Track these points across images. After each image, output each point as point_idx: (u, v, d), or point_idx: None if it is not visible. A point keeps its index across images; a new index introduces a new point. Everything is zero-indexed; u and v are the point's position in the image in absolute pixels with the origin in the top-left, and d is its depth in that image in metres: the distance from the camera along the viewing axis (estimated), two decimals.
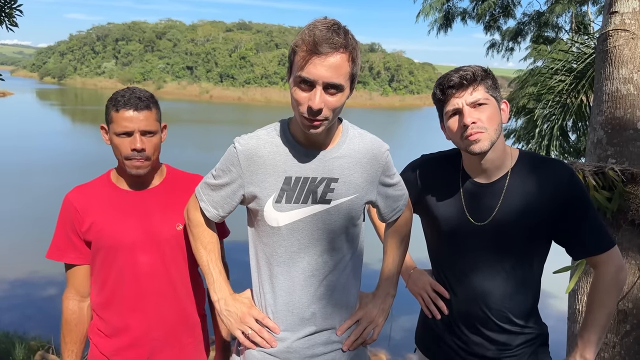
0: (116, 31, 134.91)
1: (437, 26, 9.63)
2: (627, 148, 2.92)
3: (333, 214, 1.62)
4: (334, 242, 1.65)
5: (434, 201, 1.88)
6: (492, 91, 1.68)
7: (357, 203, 1.66)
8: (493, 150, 1.70)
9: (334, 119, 1.54)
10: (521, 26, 10.10)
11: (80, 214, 1.85)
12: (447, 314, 1.86)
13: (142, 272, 1.85)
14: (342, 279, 1.69)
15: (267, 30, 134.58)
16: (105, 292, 1.87)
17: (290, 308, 1.64)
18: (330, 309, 1.67)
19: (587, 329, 1.75)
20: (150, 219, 1.87)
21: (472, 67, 1.68)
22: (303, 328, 1.65)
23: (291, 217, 1.60)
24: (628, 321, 2.91)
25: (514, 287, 1.76)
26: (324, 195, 1.60)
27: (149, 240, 1.85)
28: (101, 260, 1.86)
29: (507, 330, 1.78)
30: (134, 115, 1.78)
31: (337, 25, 1.47)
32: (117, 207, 1.87)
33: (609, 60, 3.01)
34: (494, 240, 1.74)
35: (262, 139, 1.64)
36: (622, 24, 2.96)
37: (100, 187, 1.92)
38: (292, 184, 1.59)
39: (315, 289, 1.65)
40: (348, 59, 1.47)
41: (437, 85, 1.73)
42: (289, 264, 1.63)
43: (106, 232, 1.84)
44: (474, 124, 1.64)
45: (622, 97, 2.94)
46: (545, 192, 1.71)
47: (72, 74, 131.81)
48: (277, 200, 1.59)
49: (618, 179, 2.81)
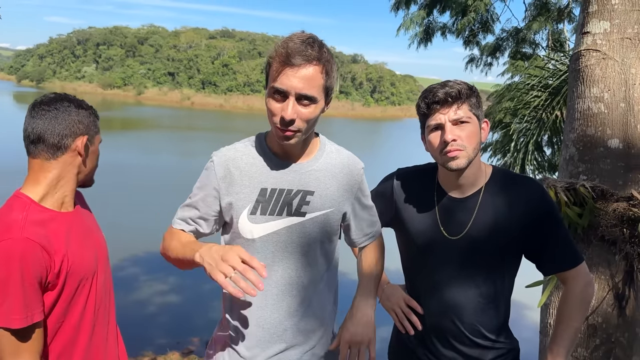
0: (97, 35, 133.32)
1: (417, 40, 9.76)
2: (598, 165, 2.98)
3: (308, 226, 1.62)
4: (309, 255, 1.64)
5: (408, 214, 1.89)
6: (475, 109, 1.71)
7: (332, 218, 1.67)
8: (470, 167, 1.73)
9: (308, 130, 1.56)
10: (499, 42, 10.28)
11: (50, 253, 1.50)
12: (421, 329, 1.87)
13: (100, 296, 1.74)
14: (316, 294, 1.68)
15: (250, 38, 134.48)
16: (62, 339, 1.61)
17: (261, 323, 1.62)
18: (303, 325, 1.66)
19: (557, 342, 1.78)
20: (95, 238, 1.76)
21: (459, 83, 1.71)
22: (273, 345, 1.64)
23: (265, 229, 1.60)
24: (597, 335, 2.95)
25: (486, 301, 1.79)
26: (299, 208, 1.61)
27: (101, 261, 1.75)
28: (65, 302, 1.59)
29: (479, 344, 1.79)
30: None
31: (312, 39, 1.50)
32: (71, 233, 1.62)
33: (580, 79, 3.07)
34: (467, 254, 1.77)
35: (239, 150, 1.65)
36: (593, 44, 3.03)
37: (38, 217, 1.55)
38: (267, 196, 1.59)
39: (289, 304, 1.64)
40: (321, 71, 1.50)
41: (422, 98, 1.74)
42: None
43: (76, 266, 1.59)
44: (454, 141, 1.67)
45: (593, 116, 3.01)
46: (517, 209, 1.74)
47: (51, 77, 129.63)
48: (252, 212, 1.59)
49: (589, 196, 2.87)
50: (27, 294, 1.44)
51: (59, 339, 1.60)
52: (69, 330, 1.62)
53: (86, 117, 1.65)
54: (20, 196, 1.58)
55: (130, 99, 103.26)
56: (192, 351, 10.31)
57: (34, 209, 1.56)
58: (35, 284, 1.46)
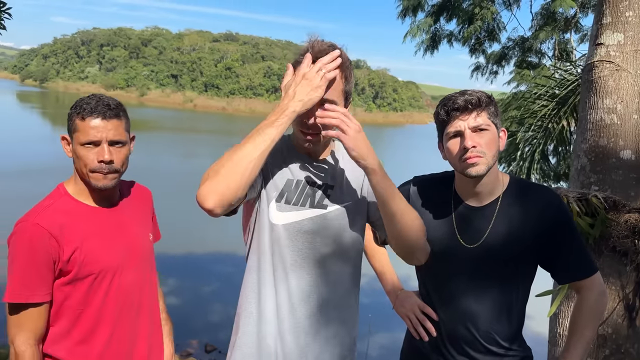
0: (101, 36, 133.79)
1: (423, 47, 9.78)
2: (610, 176, 2.99)
3: (329, 219, 1.67)
4: (332, 246, 1.68)
5: (425, 221, 1.89)
6: (494, 118, 1.73)
7: (353, 211, 1.71)
8: (488, 175, 1.74)
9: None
10: (506, 50, 10.30)
11: (58, 240, 1.61)
12: (435, 335, 1.87)
13: (130, 288, 1.78)
14: (339, 285, 1.72)
15: (253, 42, 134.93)
16: (89, 318, 1.70)
17: (288, 316, 1.65)
18: (328, 325, 1.69)
19: (570, 351, 1.78)
20: (130, 234, 1.80)
21: (478, 92, 1.73)
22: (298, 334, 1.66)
23: (289, 218, 1.64)
24: (607, 346, 2.95)
25: (501, 310, 1.79)
26: (322, 200, 1.67)
27: (132, 258, 1.78)
28: (85, 289, 1.68)
29: (493, 352, 1.80)
30: (102, 124, 1.63)
31: (333, 46, 1.57)
32: (95, 228, 1.70)
33: (593, 90, 3.09)
34: (483, 262, 1.77)
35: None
36: (607, 55, 3.05)
37: (65, 207, 1.69)
38: (292, 187, 1.65)
39: (316, 300, 1.66)
40: (342, 76, 1.58)
41: (441, 105, 1.76)
42: (287, 271, 1.64)
43: (91, 257, 1.67)
44: (474, 147, 1.67)
45: (605, 127, 3.02)
46: (533, 217, 1.75)
47: (54, 77, 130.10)
48: (278, 200, 1.65)
49: (601, 206, 2.87)
50: (29, 275, 1.59)
51: (79, 327, 1.69)
52: (88, 319, 1.69)
53: (69, 117, 1.70)
54: (60, 187, 1.74)
55: (133, 100, 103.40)
56: (191, 354, 10.29)
57: (64, 199, 1.70)
58: (41, 267, 1.59)
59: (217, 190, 1.42)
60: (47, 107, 79.92)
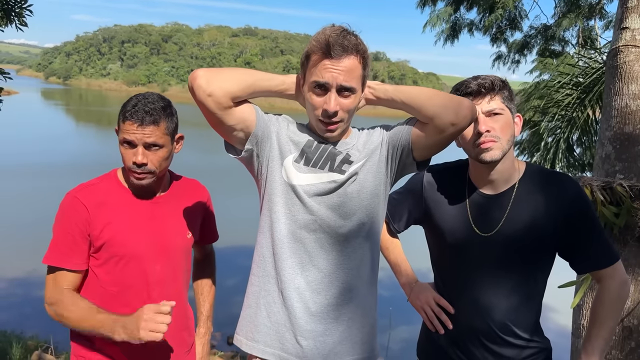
0: (122, 33, 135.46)
1: (444, 37, 9.64)
2: (636, 164, 2.91)
3: (346, 186, 1.62)
4: (347, 218, 1.62)
5: (439, 211, 1.87)
6: (508, 102, 1.70)
7: (371, 184, 1.64)
8: (502, 162, 1.71)
9: (348, 120, 1.60)
10: (528, 39, 10.08)
11: (91, 214, 1.73)
12: (451, 328, 1.85)
13: (153, 280, 1.80)
14: (353, 260, 1.64)
15: (272, 36, 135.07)
16: (112, 302, 1.76)
17: (301, 297, 1.61)
18: (343, 310, 1.63)
19: (591, 342, 1.75)
20: (162, 228, 1.83)
21: (491, 76, 1.70)
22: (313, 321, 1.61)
23: (307, 179, 1.61)
24: (633, 338, 2.89)
25: (518, 300, 1.75)
26: (341, 165, 1.62)
27: (161, 251, 1.82)
28: (110, 269, 1.77)
29: (511, 343, 1.76)
30: (139, 129, 1.69)
31: (347, 31, 1.54)
32: (129, 214, 1.79)
33: (618, 75, 3.00)
34: (499, 251, 1.74)
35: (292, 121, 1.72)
36: (632, 39, 2.96)
37: (109, 188, 1.81)
38: (313, 147, 1.62)
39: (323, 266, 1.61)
40: (360, 61, 1.55)
41: (454, 90, 1.74)
42: (301, 238, 1.60)
43: (118, 239, 1.75)
44: (487, 132, 1.65)
45: (631, 113, 2.94)
46: (551, 206, 1.70)
47: (77, 74, 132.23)
48: (296, 160, 1.62)
49: (626, 195, 2.80)
50: (64, 242, 1.72)
51: (103, 305, 1.73)
52: (113, 303, 1.74)
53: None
54: (112, 171, 1.87)
55: None
56: (214, 346, 10.42)
57: (111, 181, 1.82)
58: (75, 236, 1.71)
59: (212, 73, 1.54)
60: (70, 103, 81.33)
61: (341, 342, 1.63)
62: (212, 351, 9.93)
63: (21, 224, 17.25)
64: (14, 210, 18.94)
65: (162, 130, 1.74)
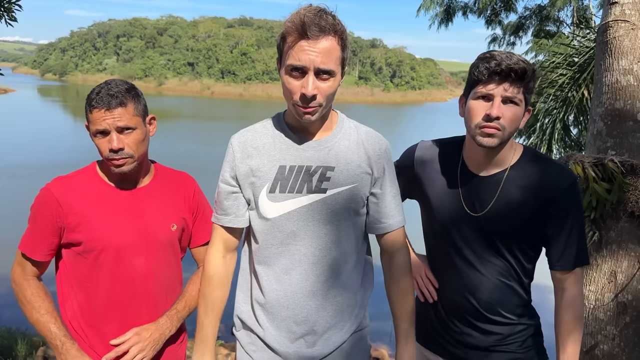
0: (117, 27, 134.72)
1: (437, 20, 9.60)
2: (627, 139, 2.90)
3: (329, 203, 1.58)
4: (332, 234, 1.60)
5: (430, 188, 1.87)
6: (528, 95, 1.64)
7: (355, 194, 1.61)
8: (498, 147, 1.68)
9: (327, 105, 1.52)
10: (522, 20, 10.04)
11: (64, 209, 1.71)
12: (437, 303, 1.88)
13: (137, 274, 1.78)
14: (342, 274, 1.65)
15: (268, 26, 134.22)
16: (97, 297, 1.76)
17: (284, 303, 1.62)
18: (329, 306, 1.64)
19: (568, 353, 1.74)
20: (145, 220, 1.79)
21: (525, 62, 1.61)
22: (298, 325, 1.63)
23: (285, 208, 1.57)
24: (627, 313, 2.90)
25: (504, 280, 1.76)
26: (320, 184, 1.57)
27: (144, 242, 1.78)
28: (90, 263, 1.75)
29: (497, 321, 1.78)
30: (107, 114, 1.66)
31: (324, 11, 1.45)
32: (108, 206, 1.75)
33: (608, 51, 2.99)
34: (487, 232, 1.74)
35: (257, 131, 1.64)
36: (622, 14, 2.94)
37: (86, 182, 1.78)
38: (286, 173, 1.56)
39: (312, 283, 1.61)
40: (338, 42, 1.46)
41: (483, 62, 1.62)
42: (280, 257, 1.61)
43: (97, 232, 1.72)
44: (497, 119, 1.60)
45: (621, 89, 2.93)
46: (541, 193, 1.69)
47: (73, 70, 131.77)
48: (271, 190, 1.56)
49: (618, 171, 2.80)
50: (34, 233, 1.75)
51: (88, 300, 1.77)
52: (96, 299, 1.77)
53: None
54: (91, 164, 1.85)
55: (151, 90, 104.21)
56: (218, 337, 10.49)
57: (89, 174, 1.81)
58: (45, 229, 1.73)
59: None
60: (67, 100, 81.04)
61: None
62: (217, 342, 9.96)
63: (21, 224, 17.30)
64: (14, 210, 18.96)
65: (131, 111, 1.70)
